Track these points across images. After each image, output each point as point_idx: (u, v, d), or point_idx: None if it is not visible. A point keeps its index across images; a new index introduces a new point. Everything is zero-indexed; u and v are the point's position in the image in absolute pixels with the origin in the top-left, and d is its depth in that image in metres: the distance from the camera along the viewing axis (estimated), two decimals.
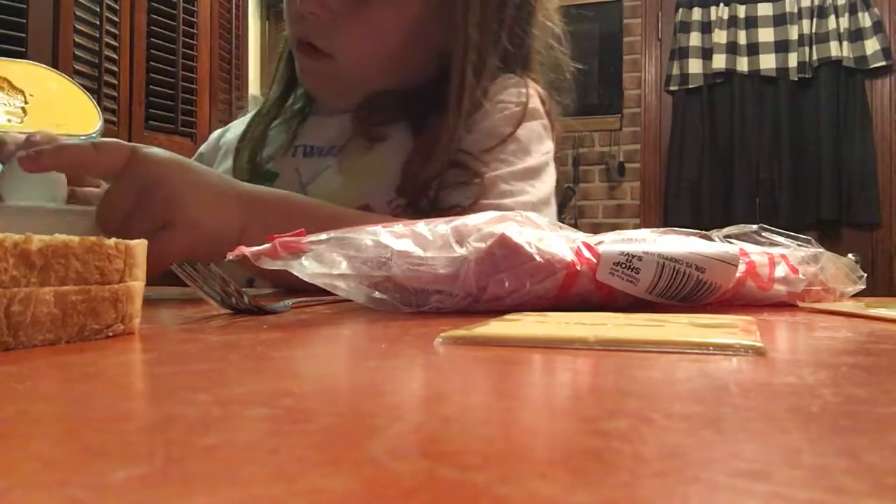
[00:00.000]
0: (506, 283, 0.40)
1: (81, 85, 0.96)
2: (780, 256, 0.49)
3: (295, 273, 0.37)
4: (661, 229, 0.46)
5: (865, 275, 0.54)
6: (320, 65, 0.75)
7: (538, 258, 0.40)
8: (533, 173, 0.73)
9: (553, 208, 0.76)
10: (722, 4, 3.33)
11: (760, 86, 3.29)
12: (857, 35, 3.17)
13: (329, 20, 0.72)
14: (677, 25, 3.38)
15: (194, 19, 2.47)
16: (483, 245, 0.40)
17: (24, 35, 1.79)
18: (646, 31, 3.46)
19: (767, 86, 3.29)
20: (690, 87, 3.35)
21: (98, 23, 2.09)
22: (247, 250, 0.37)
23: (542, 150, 0.76)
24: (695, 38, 3.35)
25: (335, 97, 0.80)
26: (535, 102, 0.77)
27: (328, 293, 0.40)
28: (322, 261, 0.38)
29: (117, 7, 2.17)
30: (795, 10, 3.25)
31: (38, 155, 0.48)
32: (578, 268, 0.41)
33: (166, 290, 0.62)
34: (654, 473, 0.12)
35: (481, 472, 0.12)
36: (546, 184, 0.74)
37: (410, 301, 0.40)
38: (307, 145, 0.80)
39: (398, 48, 0.74)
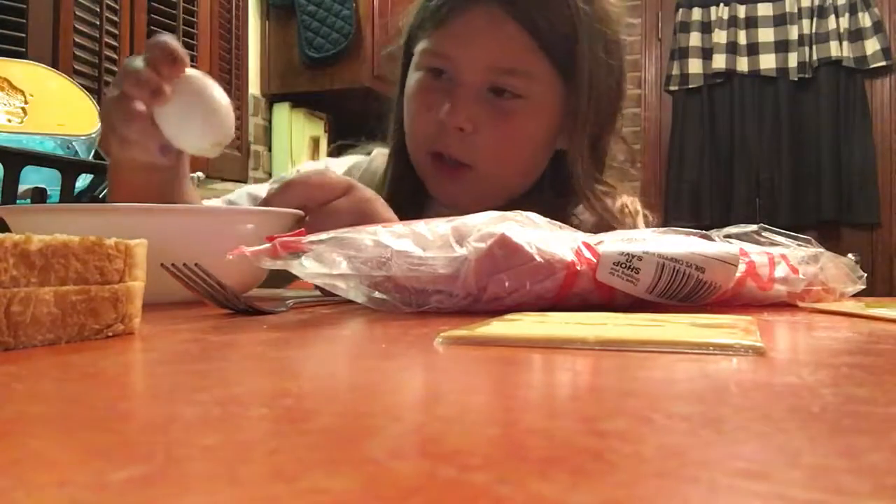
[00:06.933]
0: (506, 283, 0.40)
1: (81, 85, 0.96)
2: (780, 256, 0.49)
3: (295, 273, 0.37)
4: (661, 229, 0.46)
5: (865, 275, 0.54)
6: (461, 179, 0.77)
7: (538, 258, 0.40)
8: None
9: None
10: (722, 4, 3.32)
11: (760, 86, 3.29)
12: (857, 35, 3.17)
13: (471, 132, 0.74)
14: (677, 25, 3.37)
15: (194, 19, 2.47)
16: (483, 245, 0.40)
17: (24, 35, 1.79)
18: (646, 31, 3.46)
19: (767, 86, 3.28)
20: (690, 87, 3.35)
21: (98, 23, 2.09)
22: (247, 250, 0.37)
23: None
24: (695, 38, 3.34)
25: (474, 205, 0.81)
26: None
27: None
28: (322, 261, 0.38)
29: (117, 7, 2.17)
30: (795, 10, 3.25)
31: (266, 203, 0.54)
32: (578, 268, 0.41)
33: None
34: (654, 473, 0.12)
35: (481, 472, 0.12)
36: None
37: (410, 301, 0.40)
38: None
39: (533, 153, 0.79)
